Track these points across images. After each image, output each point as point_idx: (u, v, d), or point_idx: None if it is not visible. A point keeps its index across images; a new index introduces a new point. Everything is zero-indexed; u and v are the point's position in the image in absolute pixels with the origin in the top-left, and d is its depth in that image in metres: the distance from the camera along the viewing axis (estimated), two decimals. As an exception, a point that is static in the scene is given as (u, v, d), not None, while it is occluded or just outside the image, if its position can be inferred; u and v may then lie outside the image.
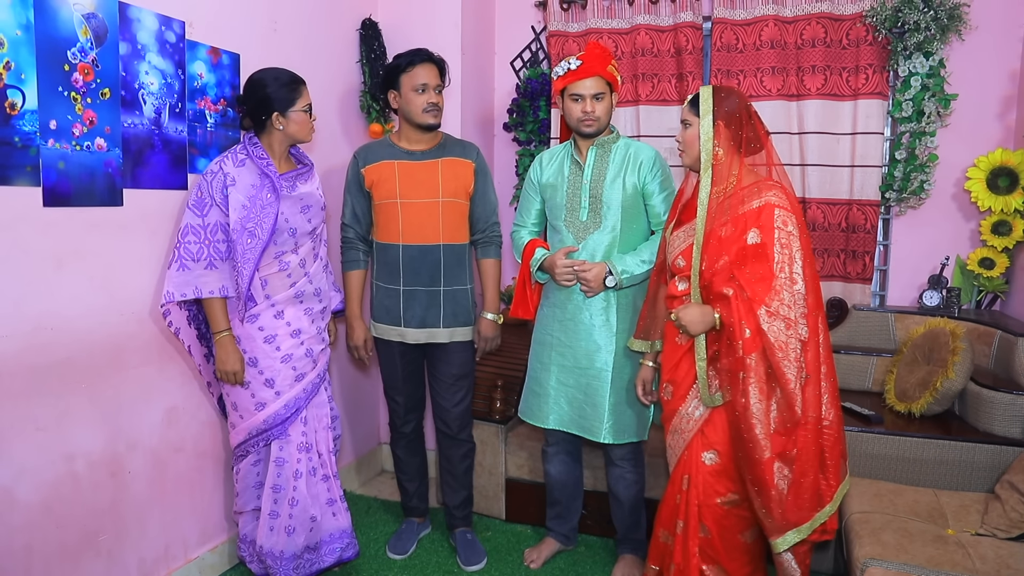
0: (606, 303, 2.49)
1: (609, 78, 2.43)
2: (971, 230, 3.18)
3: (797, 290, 1.97)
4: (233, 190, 2.24)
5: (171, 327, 2.29)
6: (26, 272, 1.93)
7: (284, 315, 2.40)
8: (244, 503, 2.52)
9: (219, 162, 2.27)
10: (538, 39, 3.70)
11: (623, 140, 2.54)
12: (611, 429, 2.49)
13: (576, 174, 2.53)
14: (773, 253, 1.98)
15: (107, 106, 2.09)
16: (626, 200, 2.46)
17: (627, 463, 2.61)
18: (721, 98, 2.08)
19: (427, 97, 2.58)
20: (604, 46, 2.51)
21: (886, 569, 1.97)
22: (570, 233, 2.53)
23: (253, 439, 2.41)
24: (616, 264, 2.41)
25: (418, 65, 2.59)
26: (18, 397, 1.93)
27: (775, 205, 2.01)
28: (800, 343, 1.96)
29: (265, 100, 2.28)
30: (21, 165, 1.87)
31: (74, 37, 1.98)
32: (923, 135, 3.07)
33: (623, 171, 2.47)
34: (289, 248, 2.37)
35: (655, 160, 2.48)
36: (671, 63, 3.40)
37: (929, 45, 2.99)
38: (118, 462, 2.24)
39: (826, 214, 3.25)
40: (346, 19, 3.25)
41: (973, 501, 2.35)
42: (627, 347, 2.47)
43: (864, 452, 2.60)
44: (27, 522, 1.97)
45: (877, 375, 3.05)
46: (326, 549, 2.52)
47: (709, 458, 2.14)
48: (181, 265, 2.21)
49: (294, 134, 2.35)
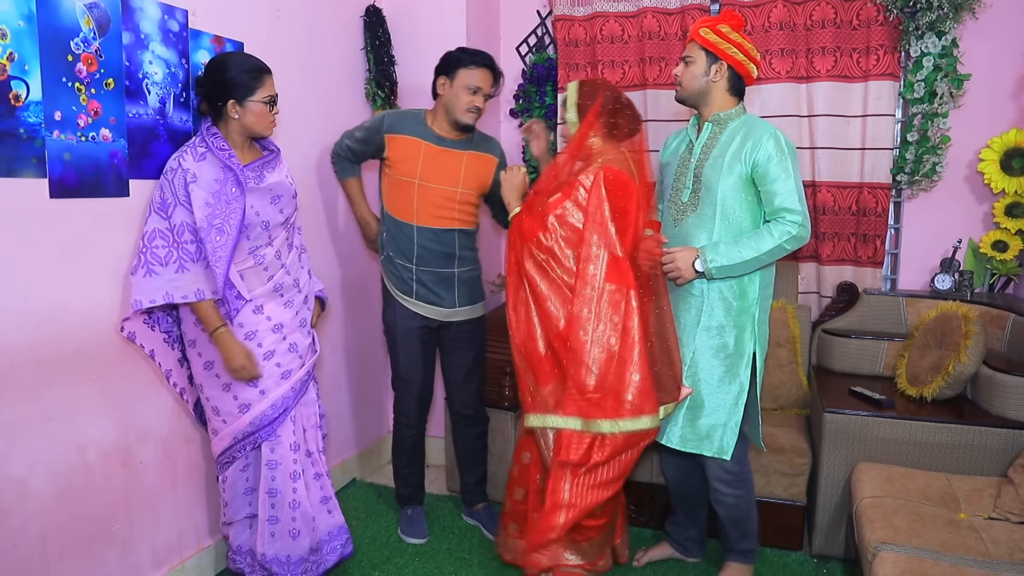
0: (700, 296, 2.31)
1: (704, 43, 2.26)
2: (984, 212, 3.14)
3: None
4: (195, 187, 2.11)
5: (123, 331, 2.16)
6: (34, 264, 1.93)
7: (264, 310, 2.30)
8: (235, 512, 2.42)
9: (177, 158, 2.14)
10: (544, 24, 3.67)
11: (745, 118, 2.30)
12: (680, 435, 2.33)
13: (687, 152, 2.38)
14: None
15: (111, 96, 2.09)
16: (729, 184, 2.24)
17: (719, 482, 2.38)
18: (586, 92, 2.36)
19: (475, 99, 2.61)
20: (732, 14, 2.29)
21: (898, 553, 1.96)
22: (669, 214, 2.39)
23: (239, 443, 2.31)
24: (707, 252, 2.21)
25: (480, 68, 2.61)
26: (29, 389, 1.94)
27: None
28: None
29: (223, 85, 2.16)
30: (27, 157, 1.87)
31: (77, 27, 1.97)
32: (935, 116, 3.03)
33: (730, 152, 2.24)
34: (263, 242, 2.28)
35: (770, 142, 2.20)
36: (678, 46, 3.36)
37: (942, 24, 2.95)
38: (129, 452, 2.26)
39: (836, 197, 3.22)
40: (350, 6, 3.23)
41: (986, 485, 2.34)
42: (712, 349, 2.29)
43: (875, 437, 2.59)
44: (41, 512, 1.99)
45: (888, 359, 3.03)
46: (327, 548, 2.48)
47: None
48: (148, 271, 2.09)
49: (251, 125, 2.21)
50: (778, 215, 2.20)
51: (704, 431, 2.30)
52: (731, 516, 2.43)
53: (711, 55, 2.27)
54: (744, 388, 2.28)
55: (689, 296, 2.34)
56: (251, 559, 2.42)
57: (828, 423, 2.64)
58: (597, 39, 3.47)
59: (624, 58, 3.46)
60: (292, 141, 2.84)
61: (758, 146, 2.20)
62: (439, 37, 3.27)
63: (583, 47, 3.52)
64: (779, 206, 2.19)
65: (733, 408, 2.28)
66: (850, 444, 2.62)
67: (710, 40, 2.26)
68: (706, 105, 2.33)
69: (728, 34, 2.25)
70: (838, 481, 2.65)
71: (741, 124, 2.29)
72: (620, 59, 3.47)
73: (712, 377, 2.30)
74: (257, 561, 2.38)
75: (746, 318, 2.28)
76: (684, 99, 2.36)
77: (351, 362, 3.38)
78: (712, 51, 2.26)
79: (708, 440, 2.30)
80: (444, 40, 3.24)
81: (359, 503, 3.21)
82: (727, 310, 2.28)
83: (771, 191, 2.20)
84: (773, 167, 2.18)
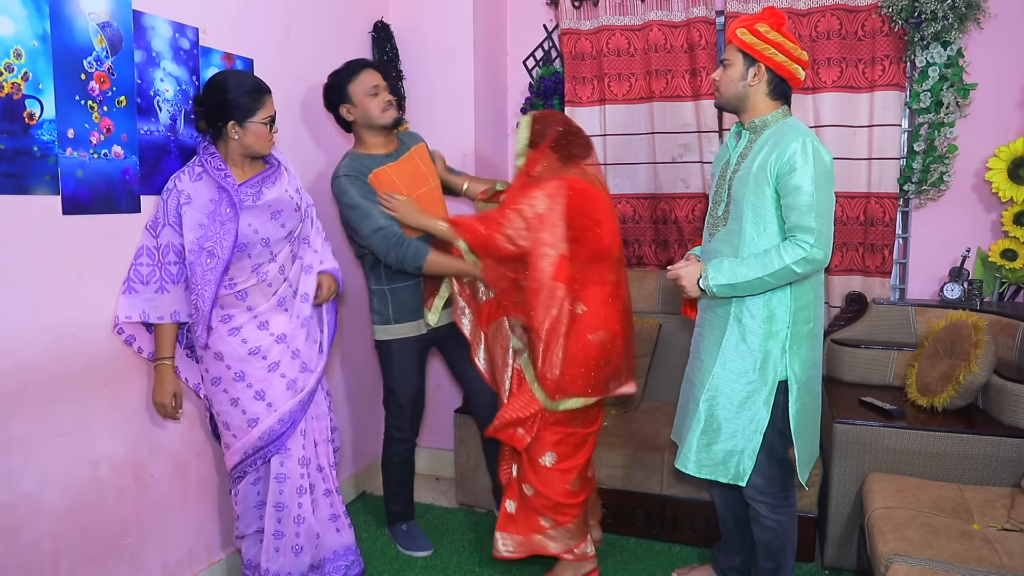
0: (724, 317, 2.18)
1: (740, 44, 2.11)
2: (992, 221, 3.14)
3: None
4: (188, 208, 2.12)
5: (124, 336, 2.17)
6: (47, 280, 1.95)
7: (269, 326, 2.30)
8: (246, 526, 2.43)
9: (175, 179, 2.16)
10: (550, 38, 3.69)
11: (779, 125, 2.12)
12: (695, 460, 2.21)
13: (727, 162, 2.25)
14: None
15: (123, 114, 2.11)
16: (755, 198, 2.08)
17: (756, 502, 2.26)
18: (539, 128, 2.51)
19: (380, 97, 2.60)
20: (774, 11, 2.14)
21: (911, 565, 1.95)
22: (707, 228, 2.28)
23: (250, 458, 2.31)
24: (710, 269, 2.11)
25: (362, 71, 2.60)
26: (42, 404, 1.95)
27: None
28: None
29: (223, 106, 2.16)
30: (40, 174, 1.89)
31: (90, 46, 2.00)
32: (942, 126, 3.03)
33: (757, 163, 2.08)
34: (266, 258, 2.27)
35: (794, 148, 2.01)
36: (684, 59, 3.37)
37: (947, 34, 2.95)
38: (141, 466, 2.26)
39: (844, 208, 3.22)
40: (358, 22, 3.26)
41: (999, 496, 2.32)
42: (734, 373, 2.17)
43: (886, 447, 2.58)
44: (53, 528, 1.99)
45: (898, 369, 3.01)
46: (330, 567, 2.46)
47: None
48: (128, 288, 2.12)
49: (250, 145, 2.21)
50: (792, 233, 2.03)
51: (720, 457, 2.19)
52: (766, 542, 2.29)
53: (748, 57, 2.12)
54: (765, 418, 2.14)
55: (714, 316, 2.23)
56: (257, 574, 2.42)
57: (839, 434, 2.62)
58: (604, 52, 3.49)
59: (630, 71, 3.48)
60: (301, 157, 2.87)
61: (783, 154, 2.02)
62: (446, 52, 3.30)
63: (589, 60, 3.54)
64: (794, 223, 2.02)
65: (752, 436, 2.15)
66: (861, 455, 2.60)
67: (746, 41, 2.10)
68: (745, 111, 2.19)
69: (766, 34, 2.09)
70: (849, 492, 2.63)
71: (775, 131, 2.11)
72: (626, 72, 3.48)
73: (731, 402, 2.17)
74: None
75: (774, 343, 2.12)
76: (723, 105, 2.24)
77: (357, 374, 3.38)
78: (749, 53, 2.11)
79: (724, 466, 2.19)
80: (451, 55, 3.28)
81: (369, 516, 3.21)
82: (752, 333, 2.14)
83: (788, 205, 2.03)
84: (794, 178, 2.00)
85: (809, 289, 2.15)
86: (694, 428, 2.22)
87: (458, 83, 3.36)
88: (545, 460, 2.49)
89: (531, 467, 2.51)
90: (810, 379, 2.19)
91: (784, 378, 2.15)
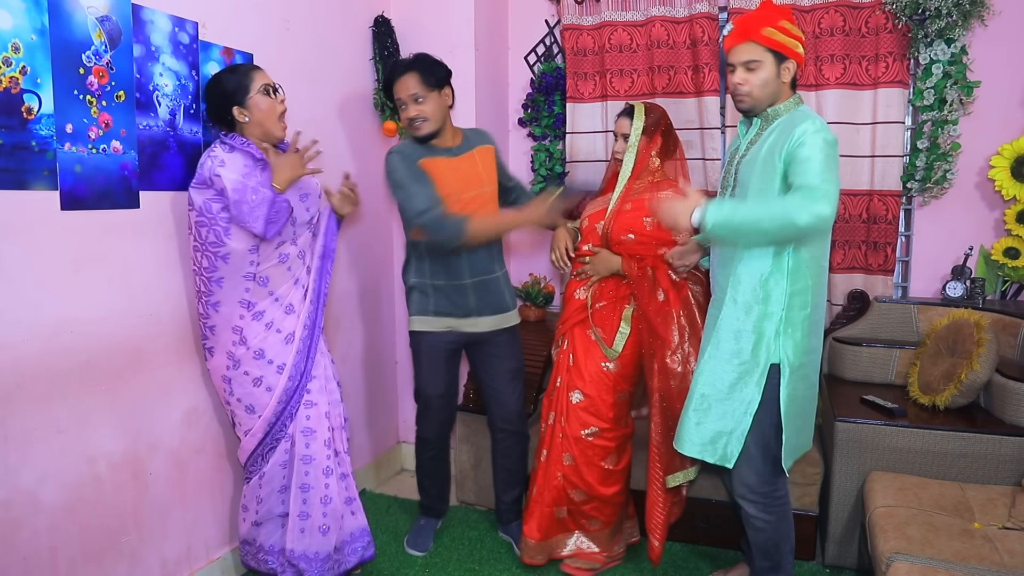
0: (720, 297, 2.21)
1: (768, 43, 2.08)
2: (995, 219, 3.12)
3: None
4: (223, 169, 2.13)
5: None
6: (45, 276, 1.94)
7: (293, 308, 2.37)
8: (269, 510, 2.43)
9: (207, 154, 2.19)
10: (552, 33, 3.68)
11: (792, 113, 2.12)
12: (688, 439, 2.24)
13: (736, 148, 2.26)
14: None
15: (122, 109, 2.10)
16: (761, 184, 2.08)
17: (744, 501, 2.26)
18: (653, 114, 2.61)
19: (408, 110, 2.58)
20: (777, 5, 2.15)
21: (912, 563, 1.94)
22: None
23: (273, 429, 2.33)
24: (710, 204, 2.03)
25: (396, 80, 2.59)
26: (40, 400, 1.94)
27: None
28: None
29: (223, 96, 2.21)
30: (38, 169, 1.88)
31: (88, 40, 1.99)
32: (945, 124, 3.02)
33: (766, 148, 2.09)
34: (288, 238, 2.33)
35: (804, 127, 2.00)
36: (687, 55, 3.36)
37: (951, 32, 2.94)
38: (139, 464, 2.26)
39: (846, 205, 3.20)
40: (359, 17, 3.24)
41: (1000, 495, 2.31)
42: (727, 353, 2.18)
43: (888, 446, 2.57)
44: (51, 524, 1.99)
45: (900, 368, 3.00)
46: (348, 549, 2.50)
47: (576, 397, 2.63)
48: (261, 219, 2.14)
49: (261, 120, 2.22)
50: (798, 189, 1.96)
51: (708, 436, 2.20)
52: (759, 542, 2.29)
53: (778, 55, 2.11)
54: (755, 400, 2.14)
55: (714, 300, 2.27)
56: (282, 558, 2.43)
57: (840, 432, 2.62)
58: (606, 48, 3.47)
59: (633, 67, 3.46)
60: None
61: (792, 137, 2.01)
62: (447, 47, 3.28)
63: (591, 56, 3.52)
64: (800, 183, 1.95)
65: (742, 417, 2.16)
66: (862, 453, 2.59)
67: (777, 40, 2.08)
68: (767, 106, 2.18)
69: (791, 29, 2.11)
70: (851, 491, 2.62)
71: (788, 118, 2.11)
72: (629, 68, 3.47)
73: (723, 383, 2.18)
74: (286, 558, 2.38)
75: (768, 324, 2.11)
76: (752, 108, 2.17)
77: (362, 371, 3.37)
78: (779, 51, 2.10)
79: (712, 446, 2.20)
80: (452, 50, 3.26)
81: (369, 514, 3.17)
82: (747, 313, 2.14)
83: (796, 173, 1.97)
84: (803, 150, 1.97)
85: (807, 275, 2.12)
86: (687, 407, 2.26)
87: (459, 78, 3.33)
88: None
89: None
90: (804, 365, 2.16)
91: (777, 361, 2.13)
